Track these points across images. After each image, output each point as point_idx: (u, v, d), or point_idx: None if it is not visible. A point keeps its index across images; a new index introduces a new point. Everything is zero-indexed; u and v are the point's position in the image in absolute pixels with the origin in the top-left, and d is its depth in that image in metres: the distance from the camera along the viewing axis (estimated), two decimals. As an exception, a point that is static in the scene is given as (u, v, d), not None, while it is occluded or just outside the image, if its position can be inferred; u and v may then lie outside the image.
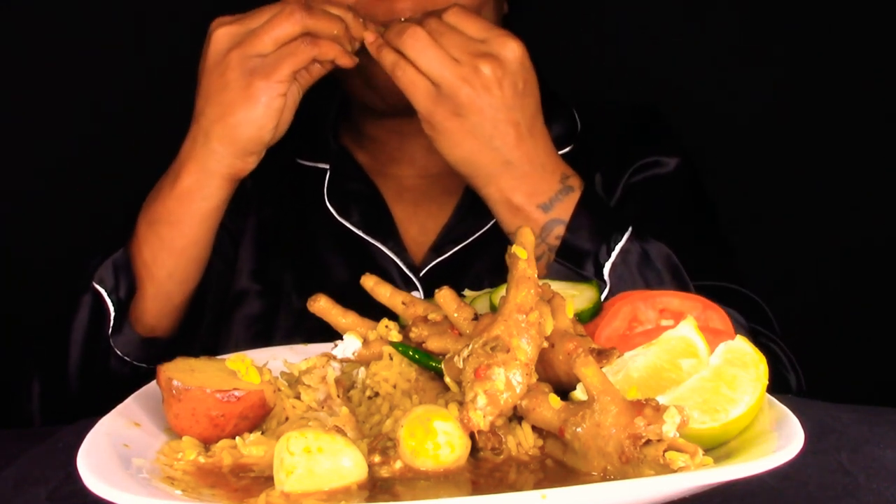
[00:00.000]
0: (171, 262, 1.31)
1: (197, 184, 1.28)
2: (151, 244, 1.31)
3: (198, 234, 1.31)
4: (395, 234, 1.47)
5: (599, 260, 1.25)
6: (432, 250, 1.45)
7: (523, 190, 1.27)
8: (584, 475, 0.78)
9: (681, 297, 0.99)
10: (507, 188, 1.26)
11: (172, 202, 1.29)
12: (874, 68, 1.90)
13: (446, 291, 0.93)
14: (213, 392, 0.88)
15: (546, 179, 1.28)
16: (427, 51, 1.21)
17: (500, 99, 1.22)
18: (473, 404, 0.79)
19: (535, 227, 1.27)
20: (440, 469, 0.79)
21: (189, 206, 1.29)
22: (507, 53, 1.23)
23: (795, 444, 0.74)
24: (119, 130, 1.89)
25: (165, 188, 1.30)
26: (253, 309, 1.47)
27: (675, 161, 1.52)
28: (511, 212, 1.28)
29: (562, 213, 1.27)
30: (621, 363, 0.89)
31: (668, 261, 1.29)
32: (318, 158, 1.54)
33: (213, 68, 1.24)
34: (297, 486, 0.75)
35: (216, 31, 1.25)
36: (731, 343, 0.88)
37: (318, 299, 1.02)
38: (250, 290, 1.48)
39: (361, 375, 0.97)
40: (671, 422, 0.74)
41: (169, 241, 1.31)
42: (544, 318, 0.86)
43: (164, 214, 1.30)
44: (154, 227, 1.31)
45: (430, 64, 1.21)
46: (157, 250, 1.31)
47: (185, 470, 0.83)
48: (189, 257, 1.32)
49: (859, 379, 1.89)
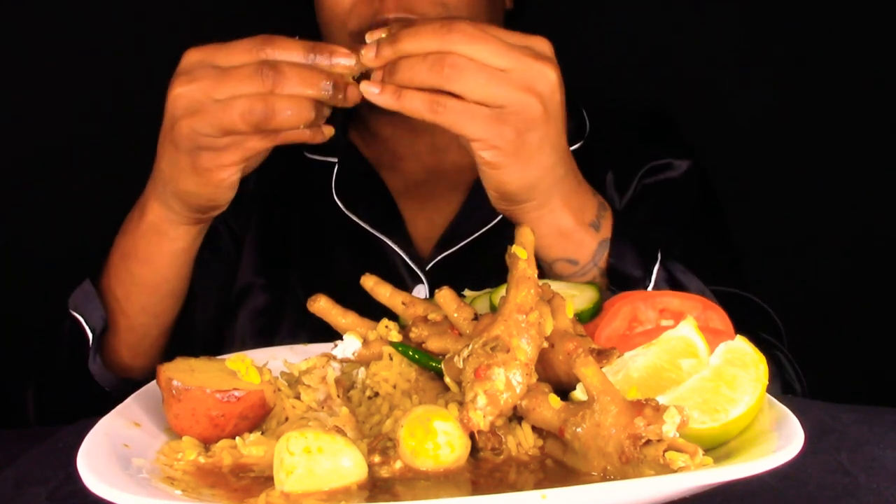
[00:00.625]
0: (143, 298, 1.26)
1: (162, 225, 1.21)
2: (123, 279, 1.26)
3: (169, 271, 1.25)
4: (401, 229, 1.47)
5: (644, 283, 1.17)
6: (439, 245, 1.45)
7: (571, 207, 1.14)
8: (584, 475, 0.78)
9: (681, 297, 0.99)
10: (557, 208, 1.13)
11: (140, 239, 1.23)
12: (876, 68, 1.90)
13: (446, 292, 0.93)
14: (213, 392, 0.88)
15: (584, 193, 1.17)
16: (478, 78, 1.01)
17: (560, 103, 1.07)
18: (473, 404, 0.79)
19: (588, 250, 1.16)
20: (440, 469, 0.79)
21: (157, 245, 1.23)
22: (546, 50, 1.07)
23: (795, 444, 0.74)
24: (119, 131, 1.89)
25: (133, 223, 1.24)
26: (258, 302, 1.47)
27: (687, 164, 1.50)
28: (562, 236, 1.15)
29: (607, 232, 1.17)
30: (621, 363, 0.89)
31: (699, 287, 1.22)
32: (327, 152, 1.54)
33: (168, 128, 1.11)
34: (297, 486, 0.75)
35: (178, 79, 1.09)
36: (731, 343, 0.88)
37: (317, 299, 1.02)
38: (255, 284, 1.48)
39: (361, 375, 0.97)
40: (671, 422, 0.74)
41: (140, 278, 1.25)
42: (544, 318, 0.86)
43: (133, 250, 1.25)
44: (125, 263, 1.26)
45: (485, 90, 1.02)
46: (129, 285, 1.26)
47: (185, 470, 0.83)
48: (163, 293, 1.27)
49: (859, 379, 1.89)
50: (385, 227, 1.46)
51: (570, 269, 1.17)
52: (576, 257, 1.16)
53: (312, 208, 1.51)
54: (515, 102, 1.03)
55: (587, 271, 1.17)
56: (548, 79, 1.04)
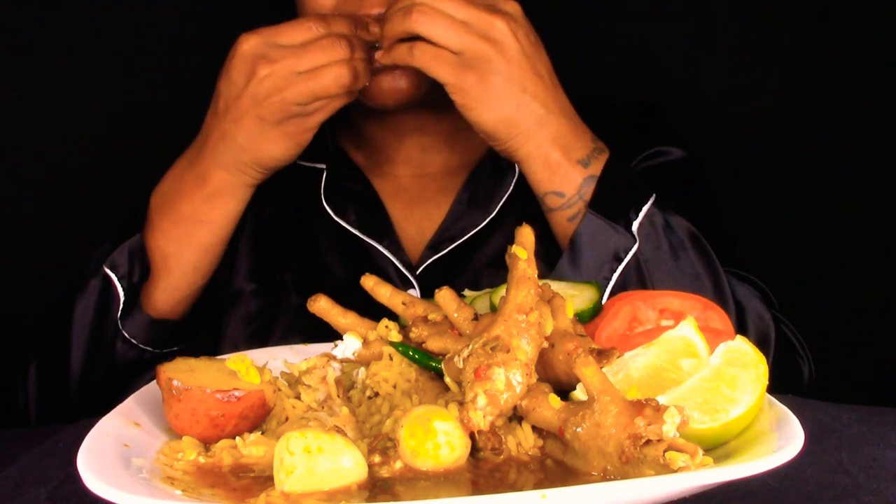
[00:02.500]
0: (197, 257, 1.36)
1: (227, 188, 1.32)
2: (178, 240, 1.35)
3: (227, 231, 1.37)
4: (391, 233, 1.47)
5: (629, 216, 1.28)
6: (428, 248, 1.46)
7: (560, 144, 1.28)
8: (584, 475, 0.78)
9: (681, 297, 0.99)
10: (546, 143, 1.28)
11: (201, 203, 1.33)
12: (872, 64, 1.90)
13: (446, 291, 0.93)
14: (213, 392, 0.88)
15: (580, 136, 1.30)
16: (439, 23, 1.22)
17: (520, 50, 1.24)
18: (473, 404, 0.79)
19: (574, 184, 1.29)
20: (440, 469, 0.79)
21: (220, 207, 1.34)
22: (510, 8, 1.26)
23: (795, 444, 0.74)
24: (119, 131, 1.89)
25: (190, 188, 1.34)
26: (249, 308, 1.47)
27: (680, 153, 1.53)
28: (549, 169, 1.29)
29: (596, 170, 1.30)
30: (621, 363, 0.89)
31: (689, 231, 1.31)
32: (315, 159, 1.54)
33: (250, 101, 1.25)
34: (297, 486, 0.75)
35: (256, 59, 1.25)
36: (731, 343, 0.88)
37: (317, 299, 1.02)
38: (245, 290, 1.48)
39: (361, 375, 0.97)
40: (671, 422, 0.74)
41: (198, 238, 1.35)
42: (544, 318, 0.86)
43: (191, 213, 1.34)
44: (182, 226, 1.35)
45: (446, 34, 1.22)
46: (185, 246, 1.35)
47: (185, 470, 0.83)
48: (215, 253, 1.38)
49: (859, 379, 1.89)
50: (374, 232, 1.47)
51: (557, 202, 1.31)
52: (562, 189, 1.30)
53: (303, 214, 1.52)
54: (471, 48, 1.22)
55: (573, 203, 1.30)
56: (499, 28, 1.23)
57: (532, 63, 1.26)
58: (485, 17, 1.23)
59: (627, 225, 1.27)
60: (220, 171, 1.32)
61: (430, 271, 1.43)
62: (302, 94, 1.24)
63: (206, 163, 1.32)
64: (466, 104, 1.25)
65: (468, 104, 1.25)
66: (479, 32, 1.23)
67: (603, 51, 1.94)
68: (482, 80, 1.23)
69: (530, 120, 1.26)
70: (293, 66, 1.23)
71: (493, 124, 1.26)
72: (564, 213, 1.30)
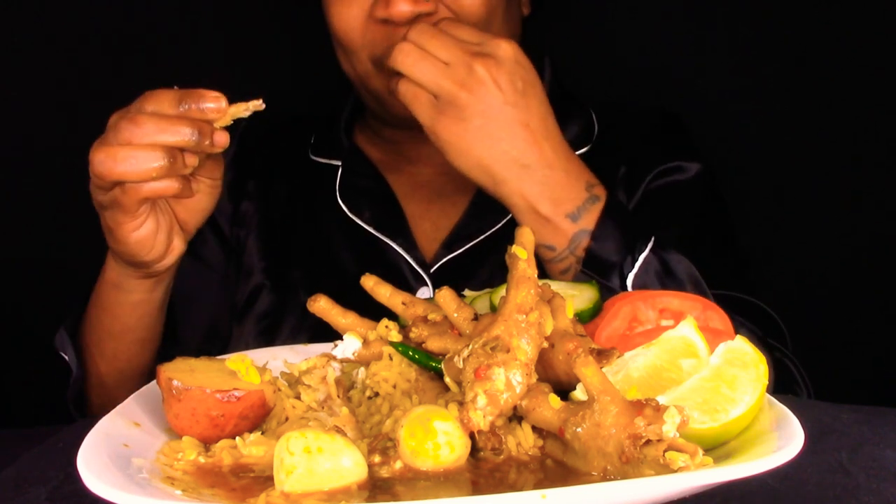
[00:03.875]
0: (112, 345, 1.31)
1: (118, 279, 1.26)
2: (94, 327, 1.32)
3: (130, 320, 1.30)
4: (405, 231, 1.46)
5: (624, 271, 1.23)
6: (443, 247, 1.45)
7: (548, 197, 1.22)
8: (584, 475, 0.78)
9: (681, 298, 0.99)
10: (531, 195, 1.22)
11: (103, 292, 1.29)
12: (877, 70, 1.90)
13: (446, 292, 0.93)
14: (213, 392, 0.88)
15: (571, 186, 1.24)
16: (418, 62, 1.19)
17: (500, 97, 1.19)
18: (473, 404, 0.79)
19: (564, 238, 1.23)
20: (440, 469, 0.79)
21: (115, 297, 1.28)
22: (501, 52, 1.21)
23: (795, 444, 0.74)
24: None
25: (100, 275, 1.29)
26: (263, 305, 1.47)
27: (696, 167, 1.50)
28: (538, 222, 1.23)
29: (589, 223, 1.24)
30: (621, 363, 0.89)
31: (689, 272, 1.26)
32: (331, 155, 1.54)
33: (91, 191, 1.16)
34: (297, 486, 0.75)
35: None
36: (731, 343, 0.88)
37: (317, 299, 1.02)
38: (264, 286, 1.48)
39: (361, 375, 0.97)
40: (671, 422, 0.74)
41: (106, 326, 1.31)
42: (544, 318, 0.86)
43: (97, 301, 1.30)
44: (95, 311, 1.32)
45: (423, 74, 1.19)
46: (99, 333, 1.32)
47: (185, 470, 0.83)
48: (128, 340, 1.32)
49: (859, 379, 1.89)
50: (389, 229, 1.46)
51: (548, 255, 1.26)
52: (552, 243, 1.25)
53: (317, 210, 1.52)
54: (447, 93, 1.19)
55: (563, 258, 1.25)
56: (479, 74, 1.18)
57: (515, 113, 1.20)
58: (466, 61, 1.19)
59: (622, 280, 1.23)
60: (111, 257, 1.25)
61: (445, 270, 1.43)
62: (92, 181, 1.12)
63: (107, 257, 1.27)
64: (441, 147, 1.22)
65: (442, 147, 1.22)
66: (457, 77, 1.19)
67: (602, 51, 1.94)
68: (457, 125, 1.19)
69: (509, 171, 1.21)
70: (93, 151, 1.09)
71: (468, 171, 1.23)
72: (557, 266, 1.26)
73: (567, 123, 1.33)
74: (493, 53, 1.20)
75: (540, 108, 1.23)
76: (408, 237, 1.46)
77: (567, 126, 1.32)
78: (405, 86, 1.22)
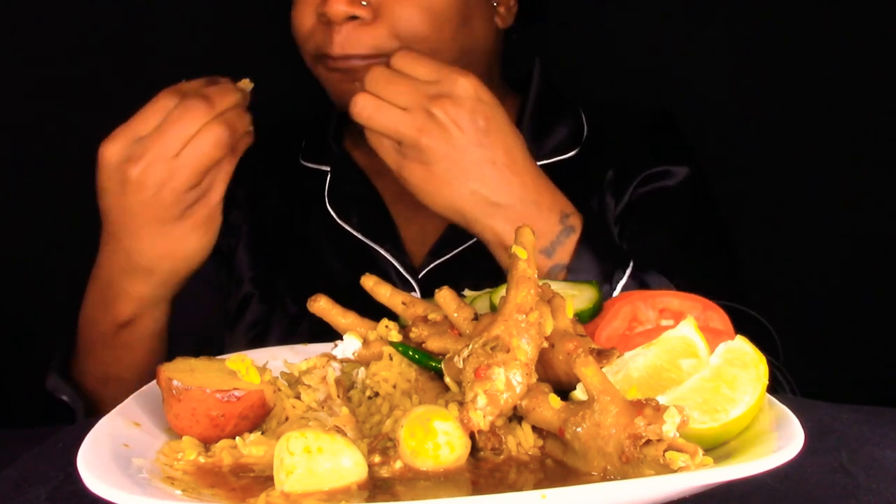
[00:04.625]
0: (139, 374, 1.29)
1: (141, 312, 1.26)
2: (110, 363, 1.30)
3: (148, 349, 1.30)
4: (393, 237, 1.46)
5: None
6: (431, 253, 1.45)
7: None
8: (584, 475, 0.78)
9: (681, 297, 0.99)
10: (503, 232, 1.20)
11: (118, 331, 1.27)
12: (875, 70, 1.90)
13: (446, 291, 0.93)
14: (213, 392, 0.88)
15: (543, 219, 1.22)
16: (375, 114, 1.18)
17: (462, 139, 1.17)
18: (473, 404, 0.79)
19: (539, 274, 1.21)
20: (440, 469, 0.79)
21: (138, 332, 1.27)
22: (459, 91, 1.18)
23: (795, 444, 0.74)
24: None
25: (103, 317, 1.27)
26: (252, 314, 1.47)
27: (685, 171, 1.48)
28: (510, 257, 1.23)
29: (564, 256, 1.22)
30: (621, 363, 0.89)
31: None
32: (320, 160, 1.54)
33: (140, 207, 1.16)
34: (297, 486, 0.75)
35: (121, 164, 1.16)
36: (731, 343, 0.88)
37: (317, 299, 1.02)
38: (254, 295, 1.48)
39: (361, 375, 0.97)
40: (671, 422, 0.74)
41: (129, 361, 1.29)
42: (544, 318, 0.86)
43: (112, 340, 1.28)
44: (109, 352, 1.29)
45: (382, 124, 1.18)
46: (120, 368, 1.30)
47: (185, 470, 0.83)
48: (144, 366, 1.30)
49: (859, 379, 1.89)
50: (377, 235, 1.46)
51: None
52: None
53: (307, 217, 1.51)
54: (409, 139, 1.17)
55: None
56: (439, 118, 1.16)
57: (479, 152, 1.18)
58: (423, 104, 1.17)
59: None
60: (131, 298, 1.24)
61: (432, 276, 1.43)
62: (188, 175, 1.16)
63: (115, 292, 1.25)
64: (410, 190, 1.21)
65: (411, 190, 1.21)
66: (416, 123, 1.17)
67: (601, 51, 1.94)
68: (422, 169, 1.19)
69: (478, 210, 1.20)
70: (162, 153, 1.14)
71: (440, 210, 1.21)
72: None
73: (556, 126, 1.32)
74: (450, 93, 1.18)
75: (506, 142, 1.21)
76: (396, 242, 1.46)
77: (556, 129, 1.31)
78: (368, 133, 1.21)
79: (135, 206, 1.16)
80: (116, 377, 1.30)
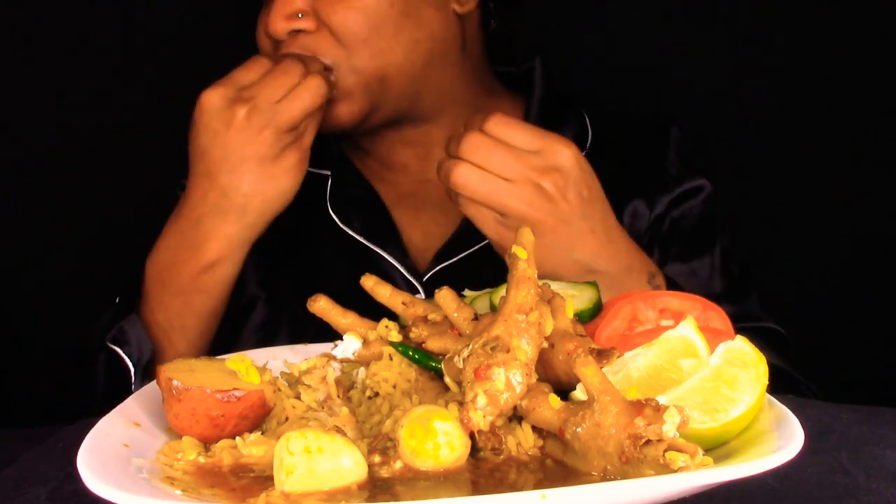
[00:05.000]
0: (202, 325, 1.34)
1: (227, 254, 1.31)
2: (180, 314, 1.33)
3: (226, 295, 1.35)
4: (396, 240, 1.46)
5: None
6: (437, 256, 1.44)
7: (620, 286, 1.21)
8: (584, 475, 0.78)
9: (681, 297, 0.99)
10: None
11: (200, 273, 1.31)
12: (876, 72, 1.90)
13: (446, 292, 0.93)
14: (213, 392, 0.88)
15: (635, 281, 1.25)
16: (481, 186, 1.18)
17: (570, 211, 1.19)
18: (473, 404, 0.79)
19: None
20: (440, 469, 0.79)
21: (221, 274, 1.32)
22: (564, 161, 1.19)
23: (795, 444, 0.74)
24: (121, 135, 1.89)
25: (187, 260, 1.31)
26: (259, 316, 1.47)
27: (707, 187, 1.49)
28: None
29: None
30: (621, 363, 0.89)
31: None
32: (321, 165, 1.54)
33: (243, 142, 1.25)
34: (297, 486, 0.75)
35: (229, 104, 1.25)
36: (731, 343, 0.88)
37: (318, 299, 1.02)
38: (260, 297, 1.48)
39: (361, 375, 0.97)
40: (671, 422, 0.74)
41: (200, 308, 1.33)
42: (544, 318, 0.86)
43: (190, 285, 1.31)
44: (182, 298, 1.32)
45: (487, 196, 1.19)
46: (187, 318, 1.33)
47: (185, 470, 0.83)
48: (217, 315, 1.36)
49: (859, 379, 1.90)
50: (380, 239, 1.46)
51: None
52: None
53: (309, 221, 1.51)
54: (515, 212, 1.18)
55: None
56: (547, 191, 1.18)
57: (583, 223, 1.21)
58: (530, 178, 1.17)
59: None
60: (220, 236, 1.30)
61: (437, 279, 1.42)
62: (292, 115, 1.25)
63: (204, 231, 1.30)
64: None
65: None
66: (524, 196, 1.17)
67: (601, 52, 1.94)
68: None
69: (577, 277, 1.21)
70: (270, 96, 1.25)
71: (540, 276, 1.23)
72: None
73: (560, 130, 1.32)
74: (556, 165, 1.19)
75: (603, 211, 1.24)
76: (399, 246, 1.45)
77: (561, 132, 1.31)
78: (466, 203, 1.21)
79: (238, 143, 1.25)
80: (180, 327, 1.33)
